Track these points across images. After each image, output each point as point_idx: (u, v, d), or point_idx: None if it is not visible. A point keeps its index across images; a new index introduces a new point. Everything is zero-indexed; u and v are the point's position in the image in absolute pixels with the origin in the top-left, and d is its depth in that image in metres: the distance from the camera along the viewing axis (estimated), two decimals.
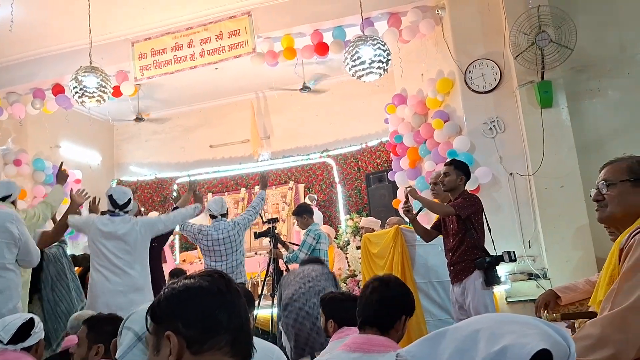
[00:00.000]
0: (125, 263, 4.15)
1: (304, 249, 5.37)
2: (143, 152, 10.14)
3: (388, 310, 2.21)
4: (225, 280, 1.22)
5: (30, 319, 2.76)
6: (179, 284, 1.20)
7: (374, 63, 5.34)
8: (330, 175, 9.06)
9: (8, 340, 2.67)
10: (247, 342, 1.20)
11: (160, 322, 1.18)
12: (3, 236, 3.38)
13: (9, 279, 3.39)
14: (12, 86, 7.29)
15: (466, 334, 0.79)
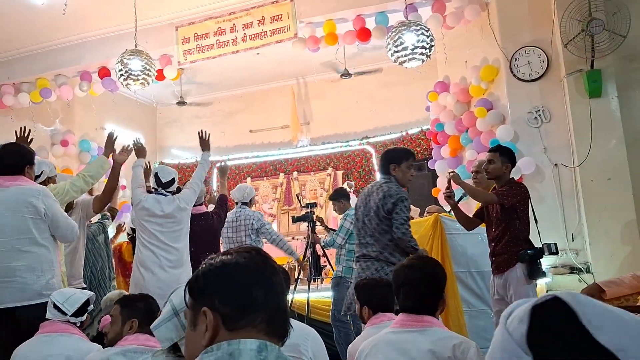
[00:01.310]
0: (171, 239, 4.32)
1: (342, 233, 5.37)
2: (185, 135, 10.29)
3: (424, 298, 2.21)
4: (262, 258, 1.21)
5: (89, 298, 2.86)
6: (217, 259, 1.20)
7: (417, 49, 5.27)
8: (369, 163, 9.01)
9: (72, 312, 2.78)
10: (284, 321, 1.19)
11: (197, 298, 1.18)
12: (28, 211, 3.41)
13: (40, 255, 3.40)
14: (60, 69, 7.48)
15: None
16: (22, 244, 3.39)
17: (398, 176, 3.89)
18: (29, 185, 3.46)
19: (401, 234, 3.67)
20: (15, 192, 3.39)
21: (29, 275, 3.35)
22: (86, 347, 2.73)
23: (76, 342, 2.74)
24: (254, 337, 1.11)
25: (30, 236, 3.41)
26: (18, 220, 3.38)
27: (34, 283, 3.34)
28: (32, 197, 3.40)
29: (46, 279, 3.40)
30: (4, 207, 3.37)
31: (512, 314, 0.72)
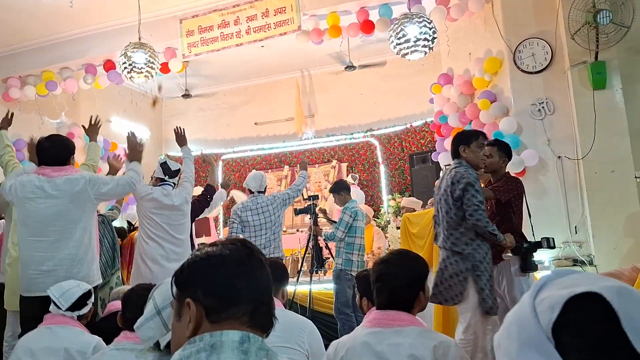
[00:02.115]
0: (178, 231, 4.42)
1: (341, 227, 5.39)
2: (190, 128, 10.24)
3: (398, 294, 2.15)
4: (247, 250, 1.22)
5: (89, 290, 2.89)
6: (202, 251, 1.22)
7: (420, 41, 5.27)
8: (374, 155, 9.02)
9: (67, 307, 2.82)
10: (267, 313, 1.20)
11: (182, 289, 1.20)
12: (75, 200, 3.53)
13: (84, 244, 3.59)
14: (65, 62, 7.51)
15: None
16: (71, 234, 3.51)
17: (469, 157, 3.70)
18: (75, 174, 3.56)
19: (475, 220, 3.48)
20: (64, 183, 3.50)
21: (73, 264, 3.48)
22: (85, 340, 2.78)
23: (75, 335, 2.79)
24: (237, 329, 1.12)
25: (77, 225, 3.54)
26: (65, 209, 3.49)
27: (78, 272, 3.45)
28: (78, 185, 3.52)
29: (89, 268, 3.55)
30: (52, 197, 3.45)
31: (544, 289, 0.71)
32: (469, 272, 3.52)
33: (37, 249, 3.48)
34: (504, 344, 0.72)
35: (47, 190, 3.49)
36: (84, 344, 2.73)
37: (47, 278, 3.38)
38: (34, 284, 3.46)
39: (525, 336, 0.67)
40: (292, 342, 2.47)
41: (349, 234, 5.38)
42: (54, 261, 3.46)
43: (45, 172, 3.56)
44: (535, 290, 0.70)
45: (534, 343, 0.66)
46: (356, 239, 5.41)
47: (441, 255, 3.74)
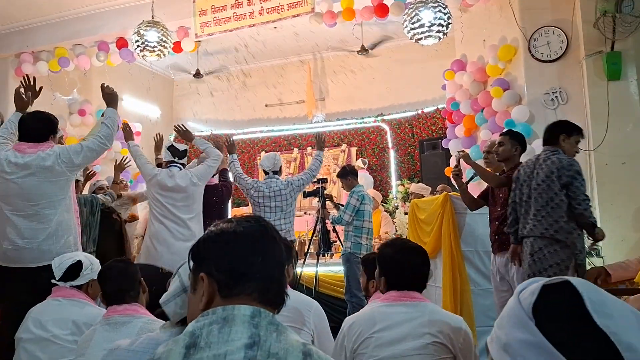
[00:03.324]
0: (184, 212, 4.43)
1: (348, 210, 5.41)
2: (200, 108, 10.33)
3: (413, 275, 2.31)
4: (261, 227, 1.24)
5: (78, 261, 2.92)
6: (217, 227, 1.24)
7: (434, 26, 5.23)
8: (384, 140, 8.99)
9: (59, 277, 2.86)
10: (279, 290, 1.22)
11: (197, 263, 1.23)
12: (46, 176, 3.49)
13: (60, 218, 3.56)
14: (78, 38, 7.51)
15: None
16: (43, 209, 3.50)
17: (565, 148, 3.65)
18: (47, 150, 3.54)
19: (583, 210, 3.44)
20: (36, 159, 3.49)
21: (49, 238, 3.49)
22: (92, 312, 2.82)
23: (83, 307, 2.84)
24: (249, 304, 1.15)
25: (50, 200, 3.52)
26: (37, 185, 3.49)
27: (53, 244, 3.47)
28: (48, 161, 3.50)
29: (64, 239, 3.55)
30: (26, 172, 3.47)
31: (527, 288, 0.83)
32: (569, 261, 3.48)
33: (14, 223, 3.48)
34: (495, 334, 0.84)
35: (20, 166, 3.47)
36: (90, 316, 2.77)
37: (22, 251, 3.43)
38: (9, 257, 3.49)
39: (512, 320, 0.80)
40: (298, 321, 2.50)
41: (357, 218, 5.41)
42: (29, 236, 3.46)
43: (21, 147, 3.54)
44: (519, 290, 0.84)
45: (519, 323, 0.79)
46: (364, 223, 5.44)
47: (532, 245, 3.61)
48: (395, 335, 2.15)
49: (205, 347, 1.08)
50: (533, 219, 3.61)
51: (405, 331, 2.15)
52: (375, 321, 2.21)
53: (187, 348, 1.09)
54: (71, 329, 2.72)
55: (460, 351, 2.16)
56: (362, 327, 2.23)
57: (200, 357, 1.07)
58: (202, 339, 1.09)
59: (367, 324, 2.22)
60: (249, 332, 1.10)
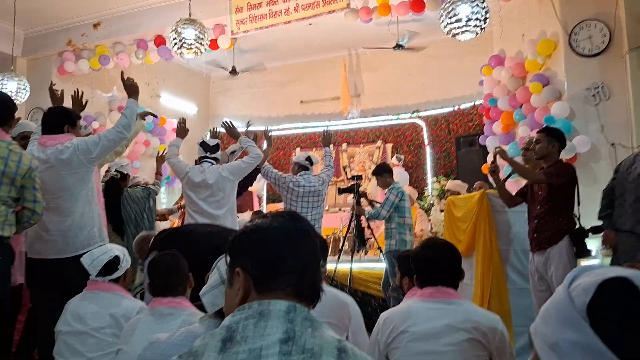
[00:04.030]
0: (214, 208, 4.48)
1: (386, 206, 5.39)
2: (236, 104, 10.43)
3: (448, 272, 2.33)
4: (296, 223, 1.24)
5: (115, 257, 2.97)
6: (253, 222, 1.25)
7: (471, 21, 5.14)
8: (420, 137, 8.92)
9: (96, 274, 2.92)
10: (314, 286, 1.22)
11: (233, 258, 1.24)
12: (64, 168, 3.54)
13: (81, 210, 3.61)
14: (118, 37, 7.67)
15: None
16: (65, 201, 3.56)
17: None
18: (65, 143, 3.58)
19: None
20: (54, 152, 3.54)
21: (72, 229, 3.54)
22: (129, 304, 2.88)
23: (119, 300, 2.89)
24: (284, 300, 1.15)
25: (70, 192, 3.57)
26: (57, 178, 3.54)
27: (77, 235, 3.53)
28: (65, 154, 3.54)
29: (87, 230, 3.60)
30: (46, 166, 3.53)
31: (577, 279, 0.78)
32: None
33: None
34: (540, 329, 0.80)
35: (41, 160, 3.52)
36: (127, 309, 2.82)
37: (48, 243, 3.51)
38: (36, 249, 3.57)
39: (561, 318, 0.76)
40: (332, 317, 2.50)
41: (398, 214, 5.40)
42: (53, 228, 3.53)
43: (42, 140, 3.62)
44: (569, 280, 0.78)
45: (570, 323, 0.74)
46: (406, 219, 5.44)
47: (630, 242, 3.59)
48: (430, 331, 2.15)
49: (241, 341, 1.09)
50: (624, 214, 3.60)
51: (440, 327, 2.15)
52: (410, 316, 2.21)
53: (224, 342, 1.10)
54: (109, 322, 2.78)
55: (496, 349, 2.14)
56: (396, 322, 2.24)
57: (236, 351, 1.08)
58: (238, 333, 1.10)
59: (401, 319, 2.22)
60: (284, 327, 1.10)
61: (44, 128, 3.67)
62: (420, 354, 2.12)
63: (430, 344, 2.13)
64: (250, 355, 1.06)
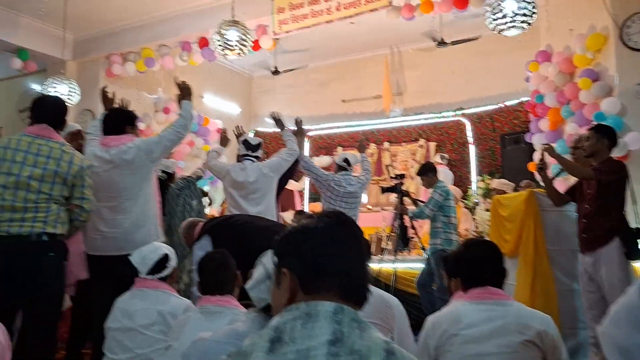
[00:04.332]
0: (253, 205, 4.53)
1: (431, 205, 5.33)
2: (278, 104, 10.46)
3: (495, 273, 2.29)
4: (342, 223, 1.23)
5: (165, 254, 3.03)
6: (300, 222, 1.25)
7: (518, 16, 5.02)
8: (464, 135, 8.78)
9: (147, 272, 2.98)
10: (361, 287, 1.21)
11: (280, 258, 1.24)
12: (127, 167, 3.64)
13: (141, 209, 3.72)
14: (163, 39, 7.82)
15: None
16: (126, 200, 3.67)
17: None
18: (128, 143, 3.69)
19: None
20: (118, 152, 3.66)
21: (132, 227, 3.65)
22: (176, 302, 2.93)
23: (167, 297, 2.94)
24: (331, 300, 1.15)
25: (130, 191, 3.68)
26: (120, 177, 3.65)
27: (136, 233, 3.62)
28: (129, 154, 3.65)
29: (146, 229, 3.70)
30: (109, 166, 3.65)
31: None
32: None
33: (101, 214, 3.66)
34: (610, 331, 0.78)
35: (105, 159, 3.65)
36: (175, 306, 2.88)
37: (108, 240, 3.60)
38: (96, 246, 3.67)
39: (632, 321, 0.74)
40: (377, 317, 2.49)
41: (443, 213, 5.34)
42: (113, 226, 3.64)
43: (105, 141, 3.73)
44: None
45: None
46: (451, 218, 5.38)
47: None
48: (482, 333, 2.12)
49: (289, 342, 1.09)
50: None
51: (492, 329, 2.11)
52: (460, 319, 2.17)
53: (272, 342, 1.11)
54: (157, 319, 2.83)
55: (550, 350, 2.09)
56: (446, 325, 2.21)
57: (284, 351, 1.08)
58: (286, 334, 1.11)
59: (452, 322, 2.18)
60: (331, 328, 1.10)
61: (106, 129, 3.79)
62: (473, 357, 2.09)
63: (483, 346, 2.10)
64: (299, 356, 1.07)
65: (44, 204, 3.10)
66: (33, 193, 3.07)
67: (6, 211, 3.04)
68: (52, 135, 3.22)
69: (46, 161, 3.11)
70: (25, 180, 3.06)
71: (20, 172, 3.06)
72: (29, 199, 3.06)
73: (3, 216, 3.03)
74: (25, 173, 3.06)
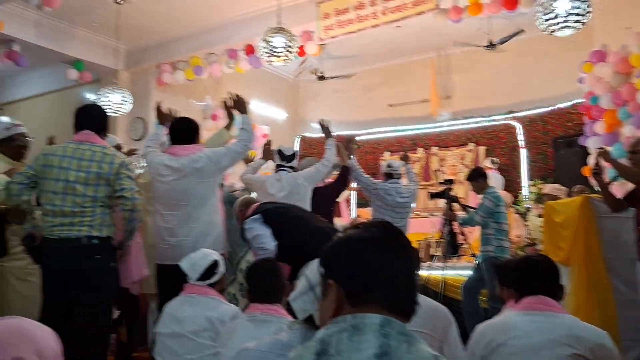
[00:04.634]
0: None
1: (481, 211, 5.20)
2: (324, 109, 10.49)
3: (549, 282, 2.24)
4: (389, 232, 1.20)
5: (215, 260, 3.05)
6: (345, 233, 1.22)
7: (570, 16, 4.87)
8: (514, 138, 8.56)
9: (196, 278, 3.01)
10: (409, 299, 1.17)
11: (326, 269, 1.22)
12: (197, 176, 3.71)
13: (209, 218, 3.81)
14: (211, 47, 7.96)
15: None
16: (195, 208, 3.74)
17: None
18: (198, 152, 3.78)
19: None
20: (189, 161, 3.74)
21: (200, 236, 3.71)
22: (224, 308, 2.94)
23: (215, 304, 2.96)
24: (377, 313, 1.12)
25: (200, 199, 3.76)
26: (190, 186, 3.73)
27: (204, 242, 3.66)
28: (199, 163, 3.74)
29: (213, 238, 3.77)
30: (179, 174, 3.73)
31: None
32: None
33: (168, 222, 3.74)
34: None
35: (174, 168, 3.72)
36: (223, 313, 2.89)
37: (177, 249, 3.62)
38: (165, 254, 3.74)
39: None
40: (425, 327, 2.43)
41: (494, 220, 5.20)
42: (182, 234, 3.70)
43: (174, 150, 3.81)
44: None
45: None
46: (503, 225, 5.23)
47: None
48: (530, 345, 2.05)
49: (335, 354, 1.07)
50: None
51: (541, 341, 2.04)
52: (508, 329, 2.11)
53: (318, 355, 1.09)
54: (205, 325, 2.85)
55: None
56: (493, 335, 2.15)
57: None
58: (332, 347, 1.08)
59: (499, 331, 2.12)
60: (378, 341, 1.07)
61: (174, 139, 3.88)
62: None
63: (530, 358, 2.03)
64: None
65: (90, 208, 3.19)
66: (79, 197, 3.17)
67: (57, 216, 3.16)
68: (95, 140, 3.33)
69: (89, 164, 3.21)
70: (71, 185, 3.16)
71: (67, 177, 3.17)
72: (76, 202, 3.16)
73: (54, 221, 3.16)
74: (71, 178, 3.17)
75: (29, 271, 3.58)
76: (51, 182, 3.18)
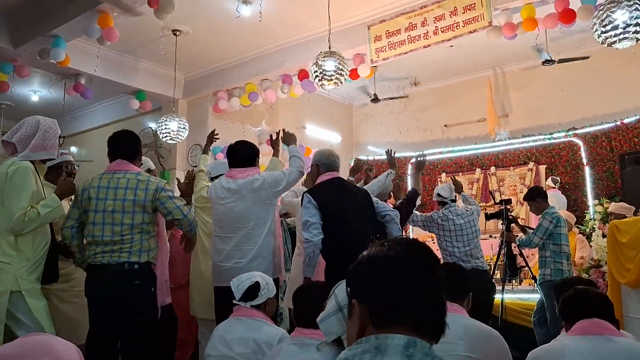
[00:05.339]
0: None
1: (539, 233, 5.01)
2: (379, 131, 10.47)
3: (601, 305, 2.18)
4: (415, 251, 1.15)
5: (256, 282, 3.06)
6: (370, 251, 1.18)
7: (630, 27, 4.67)
8: (577, 156, 8.22)
9: (239, 299, 3.02)
10: (437, 319, 1.12)
11: (351, 289, 1.18)
12: (255, 199, 3.83)
13: (266, 241, 3.89)
14: (265, 74, 8.10)
15: None
16: (252, 231, 3.81)
17: None
18: (255, 175, 3.88)
19: None
20: (246, 183, 3.83)
21: (256, 259, 3.78)
22: (271, 331, 2.94)
23: (262, 326, 2.95)
24: (403, 334, 1.07)
25: (257, 222, 3.83)
26: (247, 208, 3.80)
27: (260, 264, 3.73)
28: (256, 184, 3.84)
29: (269, 261, 3.82)
30: (237, 196, 3.80)
31: None
32: None
33: (226, 244, 3.82)
34: None
35: (233, 189, 3.82)
36: (270, 336, 2.88)
37: (232, 271, 3.67)
38: (222, 276, 3.80)
39: None
40: (477, 351, 2.34)
41: (553, 242, 5.00)
42: (239, 256, 3.77)
43: (232, 174, 3.93)
44: None
45: None
46: (562, 247, 5.01)
47: None
48: None
49: None
50: None
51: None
52: (563, 354, 1.99)
53: None
54: (253, 347, 2.85)
55: None
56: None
57: None
58: None
59: (553, 356, 2.01)
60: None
61: (232, 162, 4.02)
62: None
63: None
64: None
65: (128, 235, 3.30)
66: (117, 225, 3.28)
67: (99, 245, 3.29)
68: (128, 168, 3.43)
69: (124, 192, 3.31)
70: (109, 214, 3.28)
71: (105, 208, 3.30)
72: (115, 231, 3.28)
73: (97, 249, 3.30)
74: (108, 208, 3.29)
75: (74, 293, 3.74)
76: (91, 214, 3.32)
